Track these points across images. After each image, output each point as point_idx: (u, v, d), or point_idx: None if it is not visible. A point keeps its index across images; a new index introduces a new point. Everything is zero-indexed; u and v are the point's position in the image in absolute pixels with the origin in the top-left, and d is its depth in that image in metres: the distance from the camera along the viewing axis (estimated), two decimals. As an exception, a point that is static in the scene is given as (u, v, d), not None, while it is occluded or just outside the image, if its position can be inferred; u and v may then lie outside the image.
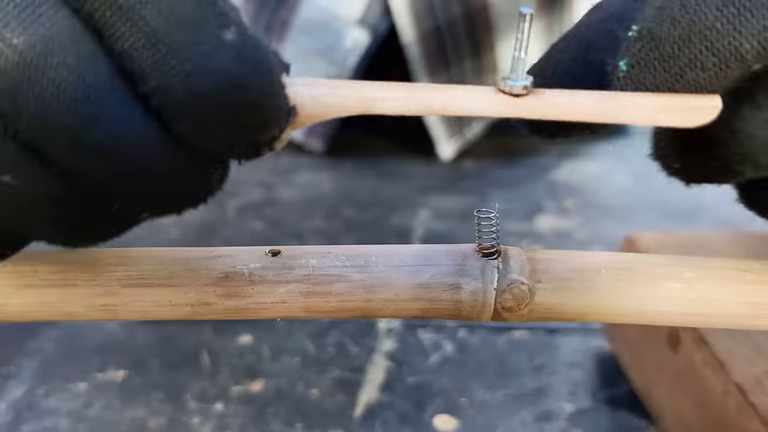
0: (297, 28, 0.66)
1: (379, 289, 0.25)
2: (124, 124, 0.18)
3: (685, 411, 0.36)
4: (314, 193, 0.64)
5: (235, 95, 0.18)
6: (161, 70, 0.18)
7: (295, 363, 0.43)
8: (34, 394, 0.40)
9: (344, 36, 0.65)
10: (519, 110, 0.21)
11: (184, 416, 0.39)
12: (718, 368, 0.34)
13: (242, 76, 0.18)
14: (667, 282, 0.26)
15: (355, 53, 0.65)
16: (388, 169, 0.69)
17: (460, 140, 0.70)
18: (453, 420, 0.39)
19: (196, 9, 0.18)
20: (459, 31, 0.65)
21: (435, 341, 0.45)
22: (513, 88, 0.21)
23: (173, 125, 0.19)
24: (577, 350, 0.45)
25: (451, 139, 0.69)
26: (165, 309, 0.24)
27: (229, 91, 0.18)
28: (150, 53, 0.18)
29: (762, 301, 0.26)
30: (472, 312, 0.25)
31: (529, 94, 0.21)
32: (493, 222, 0.26)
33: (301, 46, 0.66)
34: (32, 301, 0.24)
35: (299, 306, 0.25)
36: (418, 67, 0.66)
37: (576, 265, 0.26)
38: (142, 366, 0.43)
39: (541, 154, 0.71)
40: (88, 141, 0.18)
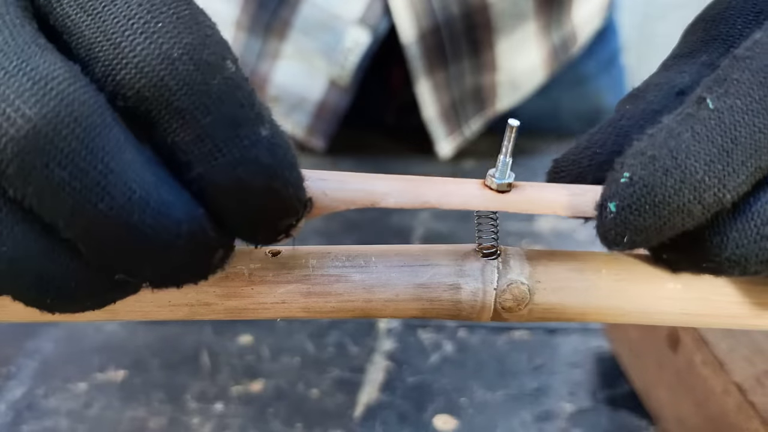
0: (298, 28, 0.66)
1: (378, 290, 0.25)
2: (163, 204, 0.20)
3: (685, 411, 0.36)
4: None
5: (267, 183, 0.21)
6: (206, 161, 0.20)
7: (295, 363, 0.43)
8: (34, 394, 0.40)
9: (344, 36, 0.65)
10: (503, 205, 0.24)
11: (184, 416, 0.39)
12: (718, 368, 0.34)
13: (273, 167, 0.20)
14: (666, 282, 0.26)
15: (355, 53, 0.66)
16: (388, 168, 0.69)
17: (459, 138, 0.70)
18: (453, 420, 0.39)
19: (240, 110, 0.20)
20: (458, 30, 0.66)
21: (435, 341, 0.45)
22: (499, 186, 0.24)
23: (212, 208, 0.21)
24: (577, 350, 0.45)
25: (449, 136, 0.69)
26: (165, 309, 0.24)
27: (262, 179, 0.20)
28: (197, 147, 0.20)
29: (761, 301, 0.26)
30: (472, 312, 0.25)
31: (512, 190, 0.24)
32: (493, 222, 0.26)
33: (301, 45, 0.67)
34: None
35: (299, 306, 0.25)
36: (417, 66, 0.66)
37: (576, 265, 0.26)
38: (142, 366, 0.43)
39: (541, 154, 0.71)
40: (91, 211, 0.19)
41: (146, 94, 0.20)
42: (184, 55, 0.20)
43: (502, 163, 0.24)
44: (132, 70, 0.20)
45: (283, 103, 0.69)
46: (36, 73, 0.19)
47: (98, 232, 0.19)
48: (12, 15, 0.20)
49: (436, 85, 0.67)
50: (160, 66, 0.20)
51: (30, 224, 0.20)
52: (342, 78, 0.67)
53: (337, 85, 0.67)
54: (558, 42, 0.72)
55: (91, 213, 0.19)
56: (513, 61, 0.70)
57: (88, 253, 0.20)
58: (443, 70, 0.67)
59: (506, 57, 0.69)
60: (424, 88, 0.67)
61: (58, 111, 0.18)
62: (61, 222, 0.19)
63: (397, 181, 0.24)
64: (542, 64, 0.72)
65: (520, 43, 0.69)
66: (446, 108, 0.68)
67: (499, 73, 0.70)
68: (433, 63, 0.66)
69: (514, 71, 0.70)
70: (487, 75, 0.69)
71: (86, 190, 0.19)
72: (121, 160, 0.19)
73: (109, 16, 0.20)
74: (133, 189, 0.19)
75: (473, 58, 0.67)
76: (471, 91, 0.69)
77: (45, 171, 0.18)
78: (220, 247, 0.22)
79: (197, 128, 0.20)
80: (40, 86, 0.18)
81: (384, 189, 0.23)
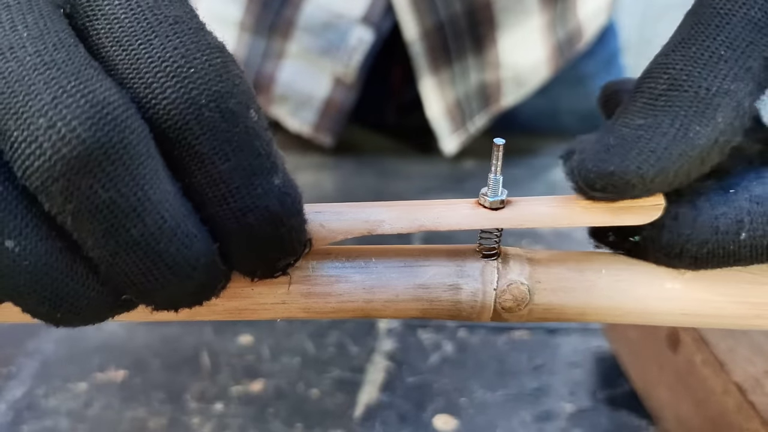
0: (301, 27, 0.66)
1: (378, 290, 0.25)
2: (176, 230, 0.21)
3: (685, 411, 0.36)
4: (315, 193, 0.64)
5: (273, 230, 0.22)
6: (219, 204, 0.21)
7: (295, 363, 0.43)
8: (34, 394, 0.40)
9: (349, 35, 0.65)
10: (498, 222, 0.25)
11: (184, 416, 0.39)
12: (718, 368, 0.34)
13: (281, 216, 0.22)
14: (666, 282, 0.26)
15: (359, 51, 0.66)
16: (389, 168, 0.69)
17: (464, 135, 0.70)
18: (453, 420, 0.39)
19: (256, 159, 0.21)
20: (461, 27, 0.66)
21: (435, 341, 0.45)
22: (492, 204, 0.25)
23: (220, 245, 0.22)
24: (577, 350, 0.45)
25: (454, 133, 0.69)
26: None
27: (269, 227, 0.22)
28: (212, 190, 0.21)
29: (761, 301, 0.26)
30: (472, 312, 0.25)
31: (505, 206, 0.25)
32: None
33: (305, 44, 0.67)
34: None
35: (299, 307, 0.25)
36: (421, 63, 0.66)
37: (576, 265, 0.26)
38: (142, 366, 0.43)
39: (541, 154, 0.71)
40: (123, 234, 0.20)
41: (170, 135, 0.20)
42: (211, 103, 0.20)
43: (493, 181, 0.25)
44: (160, 111, 0.20)
45: (290, 101, 0.69)
46: (93, 97, 0.19)
47: (125, 256, 0.20)
48: (65, 34, 0.20)
49: (440, 83, 0.67)
50: (187, 111, 0.20)
51: (54, 241, 0.20)
52: (347, 75, 0.67)
53: (342, 83, 0.67)
54: (563, 38, 0.72)
55: (123, 236, 0.20)
56: (517, 58, 0.70)
57: (107, 273, 0.21)
58: (447, 67, 0.67)
59: (510, 53, 0.69)
60: (428, 86, 0.67)
61: (111, 136, 0.19)
62: (90, 241, 0.20)
63: (392, 207, 0.25)
64: (547, 60, 0.72)
65: (524, 40, 0.69)
66: (451, 105, 0.68)
67: (504, 69, 0.69)
68: (437, 61, 0.66)
69: (519, 67, 0.70)
70: (492, 72, 0.69)
71: (123, 215, 0.20)
72: (158, 189, 0.20)
73: (144, 55, 0.20)
74: (165, 218, 0.20)
75: (477, 55, 0.67)
76: (476, 87, 0.69)
77: (88, 192, 0.19)
78: (224, 278, 0.23)
79: (214, 173, 0.21)
80: (97, 110, 0.19)
81: (379, 217, 0.24)
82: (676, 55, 0.24)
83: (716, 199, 0.25)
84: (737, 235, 0.25)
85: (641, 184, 0.24)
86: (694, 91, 0.24)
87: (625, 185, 0.24)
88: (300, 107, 0.69)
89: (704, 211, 0.25)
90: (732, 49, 0.24)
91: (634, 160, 0.24)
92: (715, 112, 0.24)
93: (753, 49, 0.24)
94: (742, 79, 0.24)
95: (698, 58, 0.24)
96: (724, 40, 0.24)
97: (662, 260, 0.26)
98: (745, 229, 0.25)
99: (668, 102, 0.24)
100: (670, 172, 0.24)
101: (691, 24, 0.25)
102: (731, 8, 0.24)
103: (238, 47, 0.68)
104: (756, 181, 0.25)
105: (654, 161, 0.23)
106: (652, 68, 0.25)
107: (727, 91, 0.24)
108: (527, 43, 0.70)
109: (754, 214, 0.25)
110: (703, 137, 0.23)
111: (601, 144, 0.24)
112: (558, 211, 0.25)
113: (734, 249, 0.25)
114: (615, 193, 0.24)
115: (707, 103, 0.23)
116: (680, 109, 0.24)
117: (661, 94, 0.24)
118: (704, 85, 0.24)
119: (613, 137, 0.24)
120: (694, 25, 0.25)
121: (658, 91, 0.24)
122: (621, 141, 0.24)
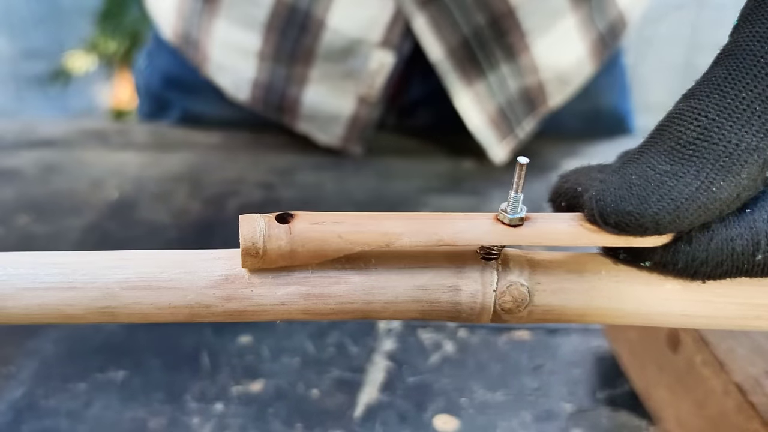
0: (322, 55, 0.66)
1: (378, 292, 0.25)
2: None
3: (685, 411, 0.36)
4: (315, 193, 0.64)
5: None
6: None
7: (295, 363, 0.43)
8: (34, 394, 0.40)
9: (369, 58, 0.65)
10: (516, 239, 0.25)
11: (184, 416, 0.39)
12: (718, 368, 0.34)
13: None
14: (665, 283, 0.26)
15: (381, 74, 0.66)
16: (389, 168, 0.69)
17: (513, 141, 0.69)
18: (453, 420, 0.39)
19: None
20: (487, 38, 0.65)
21: (435, 341, 0.45)
22: (511, 221, 0.25)
23: None
24: (577, 350, 0.45)
25: (502, 141, 0.69)
26: (164, 312, 0.24)
27: None
28: None
29: (760, 302, 0.26)
30: (472, 314, 0.25)
31: (524, 223, 0.25)
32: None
33: (327, 70, 0.67)
34: (31, 304, 0.24)
35: (298, 308, 0.25)
36: (452, 80, 0.65)
37: (575, 266, 0.26)
38: (142, 366, 0.43)
39: (541, 154, 0.71)
40: None
41: None
42: None
43: (513, 198, 0.25)
44: None
45: (316, 120, 0.70)
46: None
47: None
48: None
49: (476, 95, 0.66)
50: None
51: None
52: (371, 96, 0.67)
53: (366, 101, 0.68)
54: (605, 29, 0.71)
55: None
56: (556, 59, 0.68)
57: None
58: (482, 79, 0.66)
59: (547, 56, 0.68)
60: (464, 101, 0.66)
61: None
62: None
63: (410, 219, 0.25)
64: (589, 55, 0.70)
65: (559, 40, 0.68)
66: (493, 115, 0.68)
67: (543, 72, 0.68)
68: (469, 74, 0.66)
69: (560, 67, 0.69)
70: (531, 76, 0.68)
71: None
72: None
73: None
74: None
75: (511, 63, 0.67)
76: (518, 94, 0.68)
77: None
78: None
79: None
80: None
81: (398, 229, 0.24)
82: (710, 102, 0.24)
83: (731, 220, 0.25)
84: (753, 257, 0.25)
85: (654, 228, 0.24)
86: (723, 145, 0.24)
87: (639, 227, 0.24)
88: (327, 124, 0.70)
89: (719, 233, 0.25)
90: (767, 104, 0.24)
91: (653, 205, 0.24)
92: (741, 169, 0.24)
93: None
94: None
95: (732, 109, 0.24)
96: (761, 93, 0.24)
97: (675, 277, 0.26)
98: (762, 251, 0.25)
99: (696, 152, 0.24)
100: (686, 221, 0.24)
101: (727, 69, 0.25)
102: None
103: (260, 74, 0.68)
104: None
105: (672, 209, 0.24)
106: (684, 110, 0.25)
107: (756, 147, 0.24)
108: (564, 43, 0.68)
109: None
110: (726, 192, 0.24)
111: (623, 180, 0.25)
112: (576, 230, 0.25)
113: (748, 268, 0.25)
114: (626, 232, 0.24)
115: (735, 159, 0.24)
116: (707, 162, 0.24)
117: (690, 142, 0.24)
118: (734, 140, 0.24)
119: (636, 176, 0.24)
120: (732, 71, 0.24)
121: (687, 138, 0.24)
122: (644, 183, 0.24)
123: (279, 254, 0.24)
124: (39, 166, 0.67)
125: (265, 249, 0.24)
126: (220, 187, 0.64)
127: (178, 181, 0.65)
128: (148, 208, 0.60)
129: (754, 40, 0.24)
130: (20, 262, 0.24)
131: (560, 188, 0.28)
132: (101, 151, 0.70)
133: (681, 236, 0.25)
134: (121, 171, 0.66)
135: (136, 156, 0.70)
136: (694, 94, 0.25)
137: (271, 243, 0.24)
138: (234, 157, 0.70)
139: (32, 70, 2.13)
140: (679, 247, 0.25)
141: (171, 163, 0.68)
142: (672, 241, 0.25)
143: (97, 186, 0.64)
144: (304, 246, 0.24)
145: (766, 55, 0.24)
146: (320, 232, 0.24)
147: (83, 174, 0.66)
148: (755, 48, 0.24)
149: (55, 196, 0.62)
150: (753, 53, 0.24)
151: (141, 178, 0.65)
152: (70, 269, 0.24)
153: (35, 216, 0.58)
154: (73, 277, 0.24)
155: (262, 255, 0.24)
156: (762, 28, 0.24)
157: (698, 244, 0.25)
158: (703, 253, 0.25)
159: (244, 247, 0.24)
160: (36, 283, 0.24)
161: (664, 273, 0.26)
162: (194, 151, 0.71)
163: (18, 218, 0.58)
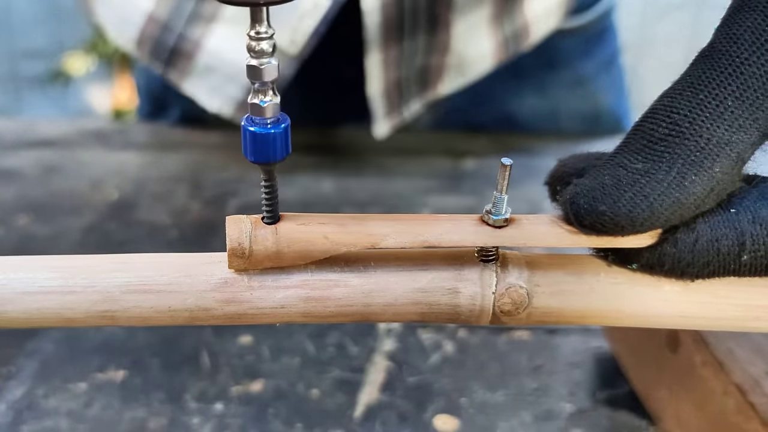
0: None
1: (377, 294, 0.25)
2: None
3: (685, 411, 0.36)
4: (314, 193, 0.64)
5: None
6: None
7: (295, 363, 0.43)
8: (34, 394, 0.40)
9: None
10: (501, 240, 0.25)
11: (184, 416, 0.39)
12: (718, 369, 0.34)
13: None
14: (664, 285, 0.26)
15: (313, 16, 0.58)
16: (389, 168, 0.69)
17: (397, 119, 0.66)
18: (453, 420, 0.40)
19: None
20: (420, 4, 0.61)
21: (435, 341, 0.45)
22: (495, 222, 0.25)
23: None
24: (577, 350, 0.45)
25: (388, 116, 0.65)
26: (164, 315, 0.24)
27: None
28: None
29: (760, 303, 0.26)
30: (471, 316, 0.25)
31: (509, 224, 0.25)
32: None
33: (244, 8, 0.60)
34: (31, 307, 0.24)
35: (298, 311, 0.25)
36: (373, 36, 0.60)
37: (574, 268, 0.26)
38: (142, 366, 0.43)
39: (540, 154, 0.71)
40: None
41: None
42: None
43: (497, 199, 0.25)
44: None
45: (216, 73, 0.62)
46: None
47: None
48: None
49: (386, 60, 0.62)
50: None
51: None
52: (294, 44, 0.59)
53: (284, 54, 0.59)
54: (510, 34, 0.69)
55: None
56: (465, 45, 0.66)
57: None
58: (398, 44, 0.62)
59: (460, 39, 0.65)
60: (374, 62, 0.62)
61: None
62: None
63: (396, 221, 0.25)
64: (492, 53, 0.68)
65: (474, 27, 0.66)
66: (391, 86, 0.64)
67: (450, 55, 0.66)
68: (390, 35, 0.61)
69: (464, 55, 0.67)
70: (438, 56, 0.65)
71: None
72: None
73: None
74: None
75: (430, 36, 0.63)
76: (419, 70, 0.65)
77: None
78: None
79: None
80: None
81: (383, 230, 0.24)
82: (683, 98, 0.24)
83: (716, 220, 0.25)
84: (739, 257, 0.25)
85: (630, 226, 0.24)
86: (695, 140, 0.24)
87: (615, 226, 0.24)
88: (227, 81, 0.62)
89: (704, 234, 0.25)
90: (741, 100, 0.24)
91: (626, 204, 0.24)
92: (714, 163, 0.24)
93: (763, 101, 0.24)
94: (746, 129, 0.24)
95: (705, 105, 0.24)
96: (734, 91, 0.24)
97: (665, 278, 0.26)
98: (747, 251, 0.25)
99: (668, 148, 0.24)
100: (661, 217, 0.24)
101: (702, 69, 0.25)
102: (747, 57, 0.24)
103: (159, 5, 0.59)
104: (759, 202, 0.25)
105: (646, 206, 0.24)
106: (657, 108, 0.25)
107: (728, 141, 0.24)
108: (476, 32, 0.66)
109: (756, 236, 0.25)
110: (698, 186, 0.24)
111: (596, 181, 0.25)
112: (561, 231, 0.25)
113: (735, 268, 0.25)
114: (603, 232, 0.24)
115: (707, 154, 0.24)
116: (678, 157, 0.24)
117: (661, 139, 0.24)
118: (705, 135, 0.24)
119: (608, 177, 0.24)
120: (706, 70, 0.24)
121: (659, 135, 0.24)
122: (616, 182, 0.24)
123: (265, 255, 0.24)
124: (39, 166, 0.67)
125: (252, 250, 0.24)
126: (220, 187, 0.64)
127: (178, 181, 0.65)
128: (148, 209, 0.60)
129: (730, 42, 0.24)
130: (20, 266, 0.24)
131: (557, 172, 0.28)
132: (101, 152, 0.70)
133: (666, 238, 0.25)
134: (121, 171, 0.66)
135: (136, 156, 0.70)
136: (668, 93, 0.25)
137: (258, 244, 0.24)
138: (234, 157, 0.70)
139: (32, 70, 2.12)
140: (664, 249, 0.25)
141: (171, 163, 0.68)
142: (657, 243, 0.25)
143: (97, 186, 0.64)
144: (290, 247, 0.24)
145: (740, 56, 0.24)
146: (306, 233, 0.24)
147: (83, 174, 0.66)
148: (731, 49, 0.24)
149: (55, 196, 0.62)
150: (728, 54, 0.24)
151: (141, 178, 0.65)
152: (69, 273, 0.24)
153: (35, 216, 0.58)
154: (73, 281, 0.24)
155: (248, 256, 0.24)
156: (738, 31, 0.24)
157: (683, 246, 0.25)
158: (688, 255, 0.25)
159: (231, 247, 0.24)
160: (36, 287, 0.24)
161: (652, 275, 0.26)
162: (194, 151, 0.71)
163: (18, 218, 0.58)
